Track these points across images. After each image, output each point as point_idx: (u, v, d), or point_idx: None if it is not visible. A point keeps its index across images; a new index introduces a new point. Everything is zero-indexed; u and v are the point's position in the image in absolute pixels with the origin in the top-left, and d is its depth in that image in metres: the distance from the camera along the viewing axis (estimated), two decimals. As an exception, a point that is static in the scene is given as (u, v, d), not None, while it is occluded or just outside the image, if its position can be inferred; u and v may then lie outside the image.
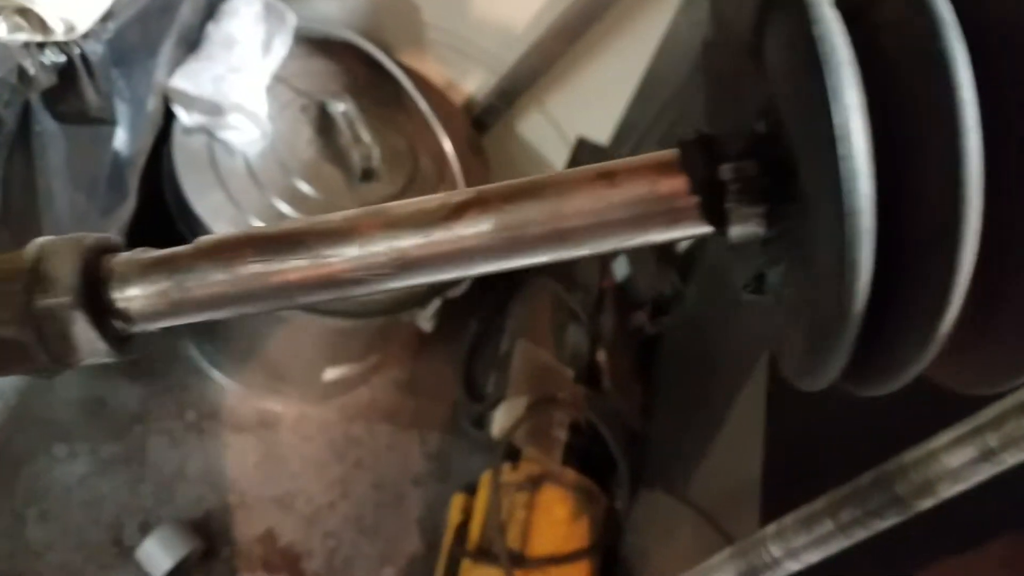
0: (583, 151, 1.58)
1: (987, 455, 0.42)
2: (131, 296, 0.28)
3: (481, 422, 1.53)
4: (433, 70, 1.50)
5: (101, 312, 0.28)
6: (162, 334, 1.21)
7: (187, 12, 1.12)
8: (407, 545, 1.47)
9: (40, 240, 0.28)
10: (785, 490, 0.94)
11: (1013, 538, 0.50)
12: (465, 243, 0.26)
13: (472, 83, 1.52)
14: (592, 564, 1.26)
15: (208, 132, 1.22)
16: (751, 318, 1.23)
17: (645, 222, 0.28)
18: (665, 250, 1.67)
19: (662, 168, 0.29)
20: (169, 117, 1.21)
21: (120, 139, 0.99)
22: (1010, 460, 0.41)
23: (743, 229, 0.28)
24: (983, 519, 0.55)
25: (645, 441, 1.44)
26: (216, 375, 1.50)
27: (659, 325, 1.59)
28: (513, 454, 1.37)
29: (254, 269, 0.27)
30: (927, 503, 0.44)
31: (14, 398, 1.37)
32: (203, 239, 0.29)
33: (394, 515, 1.49)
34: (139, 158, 1.14)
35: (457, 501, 1.51)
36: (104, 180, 1.00)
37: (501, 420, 1.40)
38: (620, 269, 1.66)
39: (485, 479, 1.40)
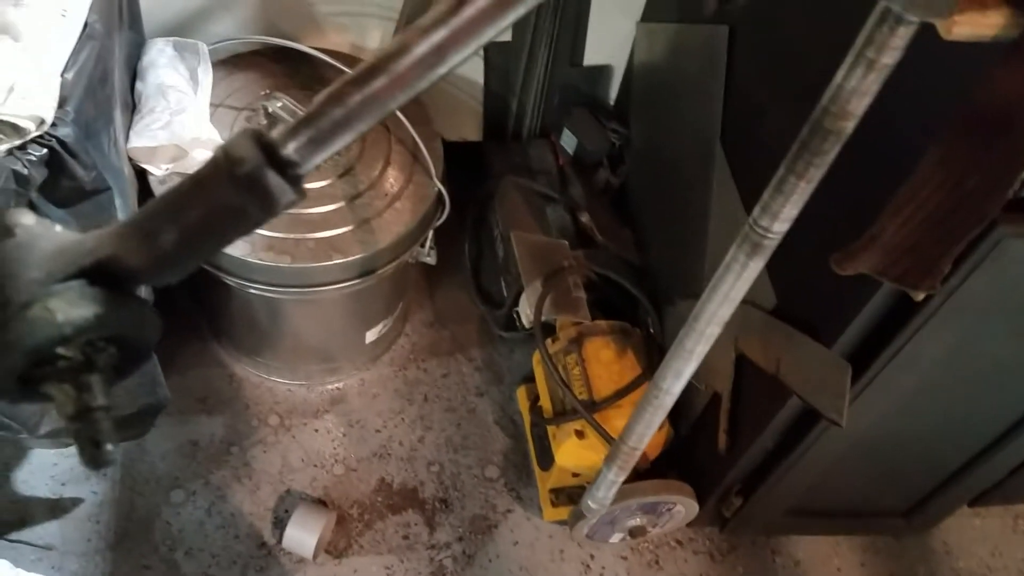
0: (494, 54, 1.70)
1: (870, 65, 0.57)
2: (292, 148, 0.42)
3: (508, 323, 1.69)
4: (336, 41, 1.61)
5: (281, 165, 0.42)
6: (220, 366, 1.39)
7: (119, 81, 1.24)
8: (496, 444, 1.65)
9: (220, 145, 0.43)
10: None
11: (936, 146, 0.64)
12: (471, 19, 0.39)
13: (373, 39, 1.64)
14: (651, 384, 1.43)
15: (180, 174, 1.35)
16: (695, 117, 1.38)
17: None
18: (600, 107, 1.81)
19: None
20: (142, 177, 1.33)
21: (118, 204, 1.12)
22: (885, 60, 0.57)
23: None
24: (909, 147, 0.70)
25: (649, 270, 1.60)
26: (278, 380, 1.66)
27: (622, 173, 1.74)
28: (549, 330, 1.53)
29: (357, 98, 0.41)
30: (849, 124, 0.59)
31: (118, 472, 1.52)
32: (319, 97, 0.42)
33: (475, 426, 1.66)
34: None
35: (521, 392, 1.68)
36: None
37: (526, 308, 1.56)
38: (569, 144, 1.80)
39: (536, 359, 1.57)
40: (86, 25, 1.10)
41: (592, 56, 1.76)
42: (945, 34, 0.55)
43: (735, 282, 0.71)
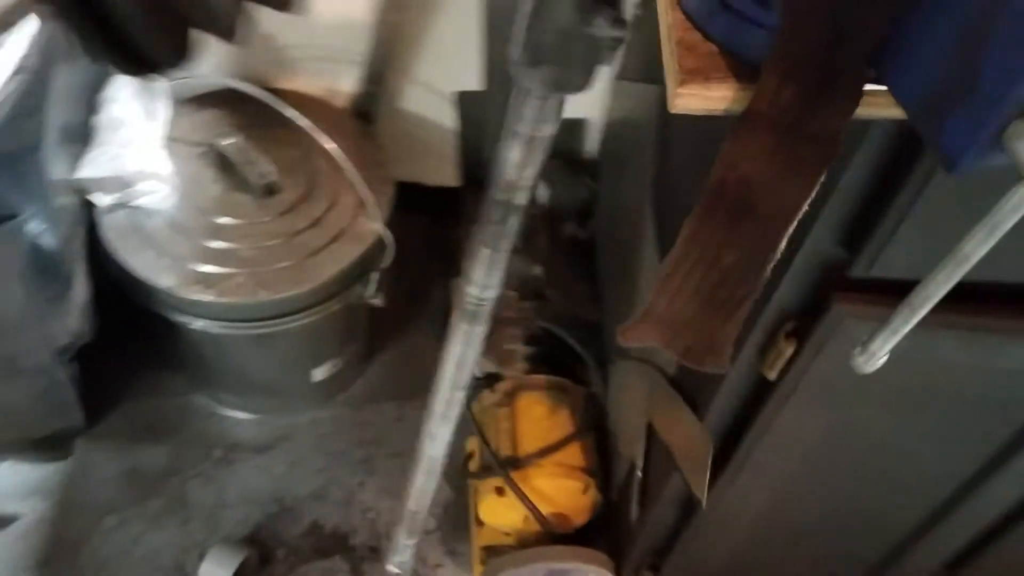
0: (467, 102, 1.71)
1: (518, 136, 0.59)
2: None
3: (469, 370, 1.67)
4: (309, 84, 1.64)
5: None
6: (174, 395, 1.38)
7: (63, 113, 1.28)
8: (438, 495, 1.60)
9: None
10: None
11: (688, 223, 0.60)
12: None
13: (347, 82, 1.66)
14: (582, 445, 1.38)
15: (126, 205, 1.39)
16: (638, 178, 1.35)
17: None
18: (576, 161, 1.80)
19: None
20: (91, 206, 1.37)
21: (36, 230, 1.15)
22: (535, 133, 0.59)
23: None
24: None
25: (602, 327, 1.56)
26: (228, 413, 1.67)
27: (589, 228, 1.71)
28: (491, 381, 1.50)
29: None
30: (520, 196, 0.59)
31: (57, 492, 1.54)
32: None
33: (418, 474, 1.63)
34: (71, 248, 1.31)
35: (469, 442, 1.65)
36: (33, 270, 1.16)
37: (472, 357, 1.53)
38: (543, 194, 1.78)
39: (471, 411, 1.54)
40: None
41: (569, 110, 1.74)
42: (671, 108, 0.53)
43: (462, 348, 0.69)
